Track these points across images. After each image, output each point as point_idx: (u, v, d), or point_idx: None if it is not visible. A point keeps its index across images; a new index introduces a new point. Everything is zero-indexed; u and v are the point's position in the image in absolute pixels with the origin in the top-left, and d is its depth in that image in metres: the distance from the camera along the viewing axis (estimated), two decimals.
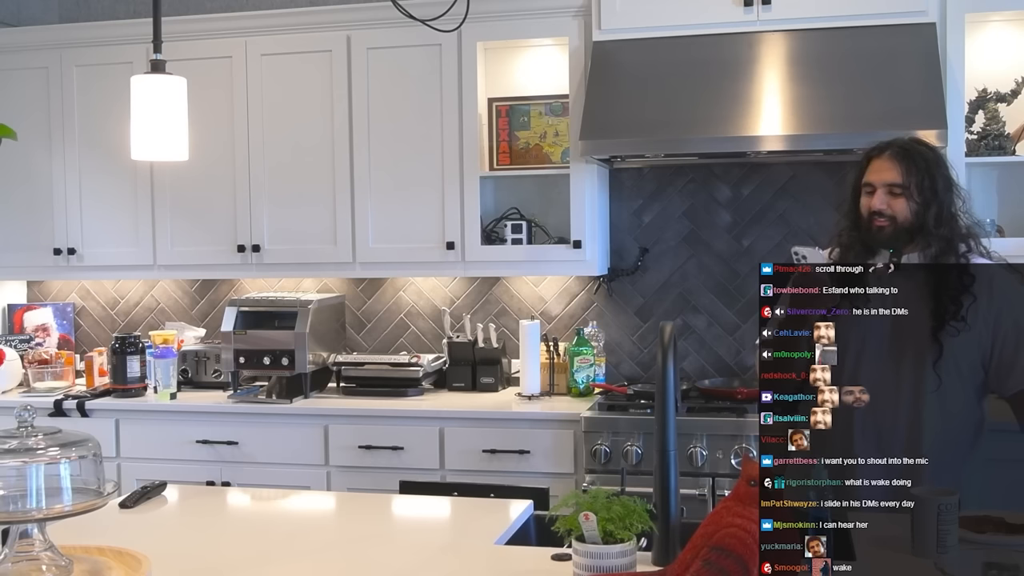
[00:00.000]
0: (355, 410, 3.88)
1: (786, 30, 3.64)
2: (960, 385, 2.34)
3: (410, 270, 4.15)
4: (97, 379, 4.27)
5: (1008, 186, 3.77)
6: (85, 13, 4.67)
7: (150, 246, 4.29)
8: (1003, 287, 2.40)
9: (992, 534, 1.90)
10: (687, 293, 4.14)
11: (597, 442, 3.52)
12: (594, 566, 1.78)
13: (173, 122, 2.41)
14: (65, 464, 1.79)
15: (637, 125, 3.67)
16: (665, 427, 1.93)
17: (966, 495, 1.84)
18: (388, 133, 4.03)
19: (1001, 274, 2.43)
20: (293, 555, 2.12)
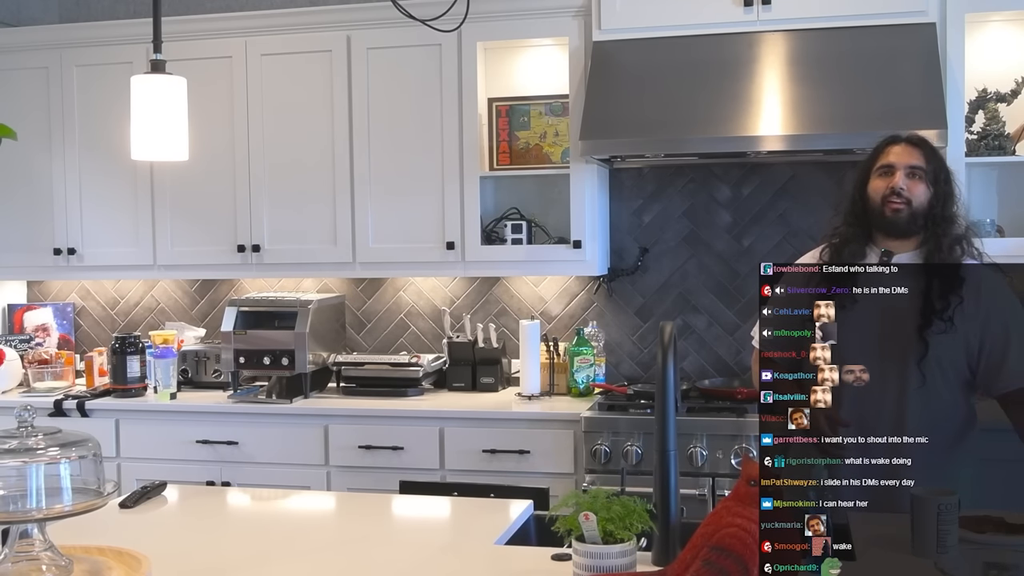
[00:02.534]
0: (355, 410, 3.88)
1: (786, 30, 3.64)
2: (943, 383, 2.35)
3: (410, 270, 4.15)
4: (97, 379, 4.27)
5: (1008, 186, 3.77)
6: (85, 13, 4.67)
7: (150, 246, 4.29)
8: (992, 288, 2.41)
9: (992, 534, 1.90)
10: (687, 293, 4.14)
11: (597, 442, 3.52)
12: (594, 566, 1.78)
13: (173, 122, 2.40)
14: (65, 464, 1.79)
15: (637, 125, 3.67)
16: (665, 427, 1.93)
17: (965, 495, 1.84)
18: (388, 133, 4.03)
19: (990, 276, 2.43)
20: (293, 555, 2.12)
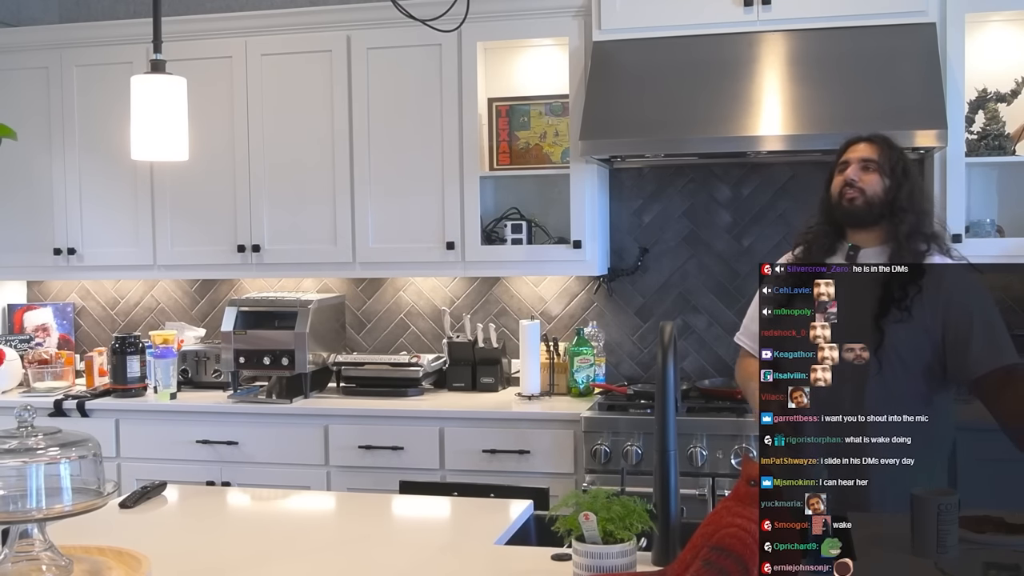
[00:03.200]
0: (355, 410, 3.88)
1: (786, 30, 3.64)
2: (903, 372, 2.35)
3: (410, 270, 4.15)
4: (97, 379, 4.27)
5: (1008, 186, 3.77)
6: (85, 13, 4.67)
7: (150, 246, 4.29)
8: (954, 279, 2.43)
9: (992, 534, 1.90)
10: (687, 293, 4.14)
11: (597, 442, 3.52)
12: (594, 566, 1.78)
13: (173, 122, 2.40)
14: (65, 464, 1.79)
15: (637, 125, 3.67)
16: (665, 427, 1.93)
17: (966, 495, 1.84)
18: (388, 133, 4.03)
19: (954, 268, 2.46)
20: (293, 555, 2.12)
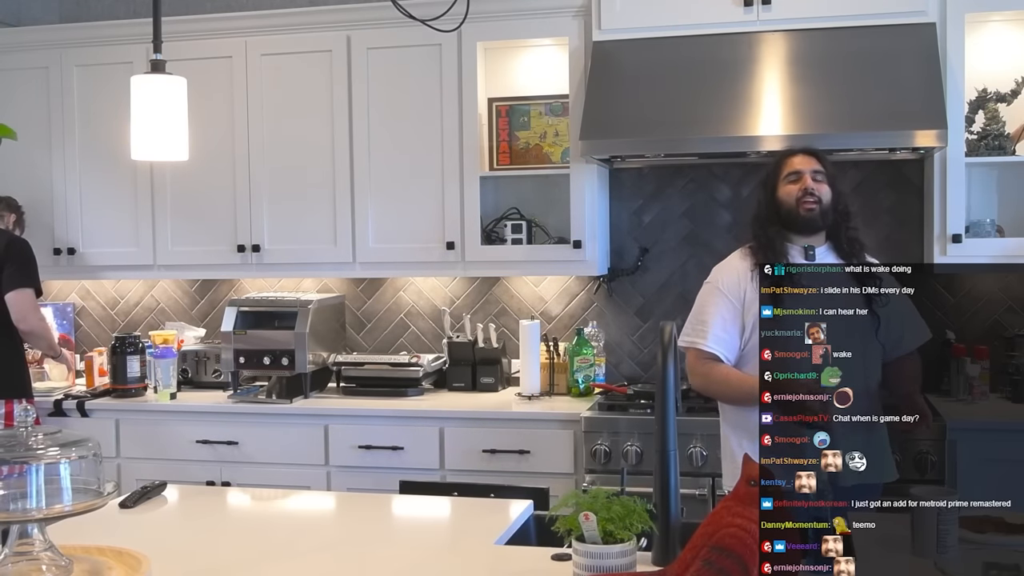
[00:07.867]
0: (355, 410, 3.88)
1: (786, 30, 3.64)
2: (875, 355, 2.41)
3: (410, 270, 4.15)
4: (97, 379, 4.27)
5: (1008, 186, 3.77)
6: (85, 13, 4.67)
7: (150, 246, 4.29)
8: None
9: (992, 534, 1.90)
10: (687, 293, 4.12)
11: (597, 442, 3.52)
12: (594, 566, 1.78)
13: (173, 122, 2.40)
14: (65, 464, 1.79)
15: (637, 125, 3.67)
16: (665, 427, 1.93)
17: (966, 495, 1.84)
18: (388, 133, 4.03)
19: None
20: (293, 555, 2.12)
